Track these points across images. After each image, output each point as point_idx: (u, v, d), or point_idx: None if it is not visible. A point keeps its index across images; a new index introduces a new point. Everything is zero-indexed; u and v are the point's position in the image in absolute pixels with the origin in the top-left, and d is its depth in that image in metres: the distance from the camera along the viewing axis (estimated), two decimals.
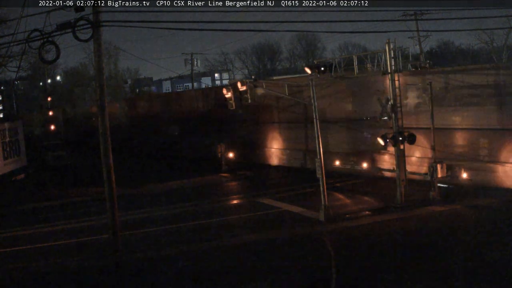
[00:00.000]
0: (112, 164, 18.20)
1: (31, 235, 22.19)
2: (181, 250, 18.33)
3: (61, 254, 18.82)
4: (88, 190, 30.77)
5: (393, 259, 16.05)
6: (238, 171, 35.03)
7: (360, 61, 24.22)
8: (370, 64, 24.17)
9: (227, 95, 26.14)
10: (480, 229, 18.48)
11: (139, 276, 16.12)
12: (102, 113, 18.12)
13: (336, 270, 14.98)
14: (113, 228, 18.16)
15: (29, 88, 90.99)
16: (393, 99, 22.25)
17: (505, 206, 21.12)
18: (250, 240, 19.07)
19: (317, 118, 21.33)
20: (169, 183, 32.71)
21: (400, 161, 22.27)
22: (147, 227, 22.07)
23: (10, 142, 33.37)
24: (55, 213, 26.18)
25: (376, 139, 23.42)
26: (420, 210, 21.34)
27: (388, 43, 22.15)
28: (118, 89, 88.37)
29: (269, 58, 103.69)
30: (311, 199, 23.61)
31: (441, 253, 16.20)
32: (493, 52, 69.72)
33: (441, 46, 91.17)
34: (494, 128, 23.32)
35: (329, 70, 22.84)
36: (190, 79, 72.43)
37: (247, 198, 27.15)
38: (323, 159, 20.98)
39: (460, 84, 24.33)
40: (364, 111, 29.17)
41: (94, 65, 18.51)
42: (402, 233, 18.70)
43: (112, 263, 17.63)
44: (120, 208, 18.69)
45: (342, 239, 18.75)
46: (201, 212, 24.35)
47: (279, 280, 14.90)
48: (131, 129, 54.32)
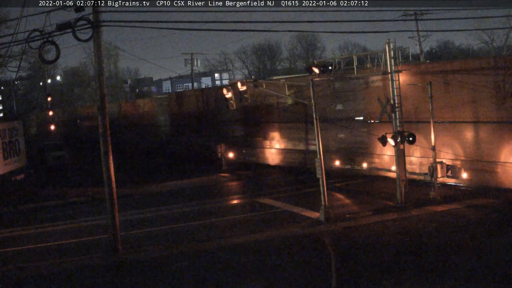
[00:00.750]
0: (112, 164, 18.20)
1: (31, 235, 22.20)
2: (181, 250, 18.33)
3: (61, 254, 18.82)
4: (88, 190, 30.79)
5: (393, 259, 16.04)
6: (238, 171, 35.05)
7: (360, 61, 24.18)
8: (370, 64, 24.12)
9: (227, 95, 26.14)
10: (480, 229, 18.49)
11: (139, 276, 16.12)
12: (102, 113, 18.12)
13: (336, 270, 14.97)
14: (113, 228, 18.16)
15: (29, 88, 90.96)
16: (393, 99, 22.26)
17: (505, 206, 21.12)
18: (250, 240, 19.06)
19: (317, 118, 21.34)
20: (169, 183, 32.74)
21: (400, 161, 22.27)
22: (147, 227, 22.08)
23: (10, 142, 33.35)
24: (55, 213, 26.21)
25: (376, 139, 23.41)
26: (420, 210, 21.34)
27: (388, 43, 22.15)
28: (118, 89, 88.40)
29: (269, 58, 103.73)
30: (311, 199, 23.61)
31: (441, 253, 16.19)
32: (493, 52, 69.76)
33: (441, 46, 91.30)
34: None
35: (329, 70, 22.83)
36: (190, 79, 72.44)
37: (247, 198, 27.16)
38: (323, 159, 20.98)
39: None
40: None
41: (94, 65, 18.51)
42: (402, 233, 18.69)
43: (112, 263, 17.63)
44: (120, 208, 18.70)
45: (342, 239, 18.75)
46: (201, 212, 24.36)
47: (279, 280, 14.90)
48: (132, 129, 54.42)
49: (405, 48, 24.87)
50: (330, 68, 22.71)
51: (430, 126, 22.77)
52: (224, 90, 26.57)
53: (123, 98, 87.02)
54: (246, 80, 25.77)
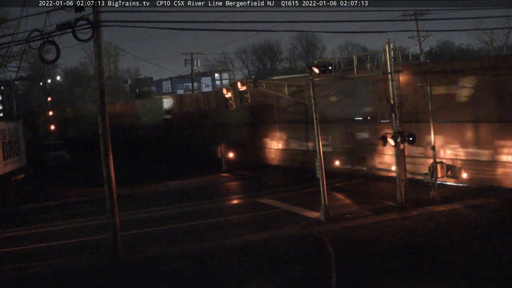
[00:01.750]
0: (112, 164, 18.20)
1: (31, 235, 22.20)
2: (181, 250, 18.33)
3: (61, 254, 18.82)
4: (88, 190, 30.78)
5: (393, 259, 16.04)
6: (238, 171, 35.05)
7: (360, 61, 24.16)
8: (370, 64, 24.09)
9: (227, 95, 26.12)
10: (480, 229, 18.48)
11: (139, 276, 16.12)
12: (102, 113, 18.12)
13: (336, 270, 14.96)
14: (113, 228, 18.16)
15: (29, 88, 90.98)
16: (393, 99, 22.24)
17: (505, 206, 21.12)
18: (250, 240, 19.06)
19: (317, 118, 21.33)
20: (169, 183, 32.74)
21: (400, 161, 22.26)
22: (147, 227, 22.07)
23: (10, 142, 33.36)
24: (55, 213, 26.21)
25: (376, 138, 23.41)
26: (420, 210, 21.34)
27: (388, 43, 22.13)
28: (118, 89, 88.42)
29: (269, 58, 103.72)
30: (311, 199, 23.60)
31: (442, 253, 16.20)
32: (493, 52, 69.77)
33: (441, 46, 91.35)
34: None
35: (329, 70, 22.81)
36: (190, 79, 72.45)
37: (247, 198, 27.15)
38: (323, 159, 20.97)
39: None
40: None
41: (94, 65, 18.51)
42: (402, 233, 18.70)
43: (112, 263, 17.63)
44: (120, 208, 18.69)
45: (342, 239, 18.73)
46: (201, 212, 24.35)
47: (279, 280, 14.89)
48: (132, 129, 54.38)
49: (405, 48, 24.86)
50: (330, 68, 22.70)
51: (430, 126, 22.78)
52: (224, 90, 26.56)
53: (123, 98, 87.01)
54: (246, 80, 25.74)
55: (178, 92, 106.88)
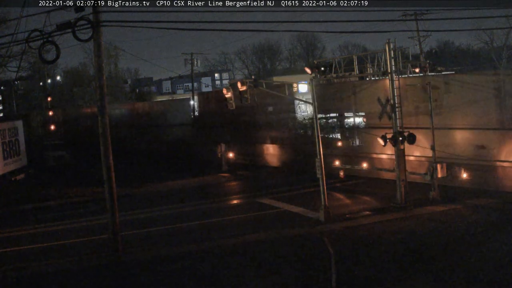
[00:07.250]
0: (112, 164, 18.20)
1: (31, 235, 22.20)
2: (181, 250, 18.33)
3: (61, 254, 18.81)
4: (88, 190, 30.76)
5: (393, 259, 16.04)
6: (238, 171, 35.04)
7: (360, 61, 24.19)
8: (370, 64, 24.14)
9: (227, 95, 26.07)
10: (480, 229, 18.48)
11: (139, 276, 16.12)
12: (102, 113, 18.12)
13: (336, 270, 14.96)
14: (113, 228, 18.15)
15: (29, 88, 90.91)
16: (393, 99, 22.25)
17: (504, 206, 21.12)
18: (250, 240, 19.06)
19: (317, 118, 21.32)
20: (169, 183, 32.73)
21: (400, 161, 22.26)
22: (147, 227, 22.07)
23: (10, 142, 33.35)
24: (55, 213, 26.19)
25: (376, 139, 23.40)
26: (420, 210, 21.34)
27: (388, 43, 22.13)
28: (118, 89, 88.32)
29: (269, 58, 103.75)
30: (311, 199, 23.61)
31: (441, 253, 16.19)
32: (493, 52, 69.74)
33: (441, 46, 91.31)
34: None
35: (329, 70, 22.83)
36: (190, 79, 72.40)
37: (247, 198, 27.14)
38: (323, 159, 20.97)
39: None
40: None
41: (94, 65, 18.51)
42: (402, 233, 18.70)
43: (112, 263, 17.62)
44: (120, 208, 18.68)
45: (342, 239, 18.72)
46: (201, 212, 24.35)
47: (279, 280, 14.90)
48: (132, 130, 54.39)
49: (405, 48, 24.89)
50: (330, 69, 22.72)
51: (429, 126, 22.79)
52: (224, 90, 26.52)
53: (123, 98, 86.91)
54: (246, 80, 25.72)
55: (178, 92, 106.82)
